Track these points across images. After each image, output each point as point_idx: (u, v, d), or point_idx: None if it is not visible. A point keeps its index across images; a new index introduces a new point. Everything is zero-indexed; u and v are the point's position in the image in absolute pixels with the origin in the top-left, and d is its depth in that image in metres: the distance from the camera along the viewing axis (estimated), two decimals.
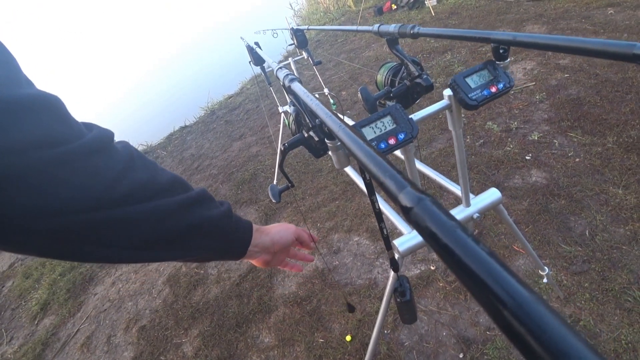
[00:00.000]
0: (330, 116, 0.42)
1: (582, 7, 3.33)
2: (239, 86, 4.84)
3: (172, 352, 1.74)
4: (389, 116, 0.59)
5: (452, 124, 0.68)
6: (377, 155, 0.28)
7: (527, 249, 1.03)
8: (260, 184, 2.55)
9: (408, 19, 4.47)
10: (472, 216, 0.80)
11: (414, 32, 0.74)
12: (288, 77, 0.65)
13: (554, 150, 1.90)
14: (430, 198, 0.20)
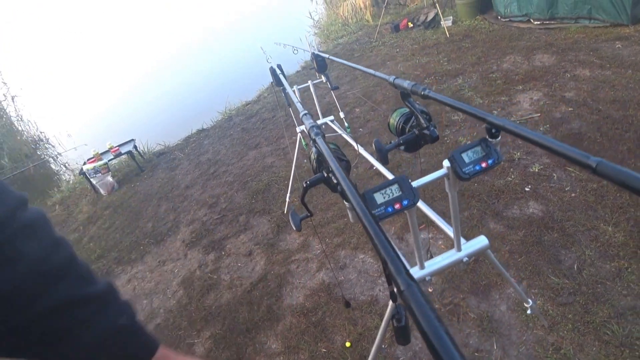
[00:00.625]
0: (346, 182, 0.55)
1: (591, 39, 3.42)
2: (257, 93, 5.01)
3: (184, 350, 1.88)
4: (396, 184, 0.72)
5: (448, 189, 0.81)
6: (382, 236, 0.41)
7: (512, 285, 1.16)
8: (274, 195, 2.69)
9: (423, 38, 4.59)
10: (462, 259, 0.93)
11: (424, 93, 0.87)
12: (314, 130, 0.79)
13: (552, 183, 2.02)
14: (416, 285, 0.33)
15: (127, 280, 2.59)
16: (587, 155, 0.50)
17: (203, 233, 2.63)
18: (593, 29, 3.54)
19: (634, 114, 2.32)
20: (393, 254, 0.37)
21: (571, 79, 2.89)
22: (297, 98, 2.01)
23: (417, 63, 3.96)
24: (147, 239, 2.88)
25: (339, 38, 5.95)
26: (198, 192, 3.18)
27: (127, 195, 3.67)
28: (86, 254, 3.02)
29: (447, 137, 2.64)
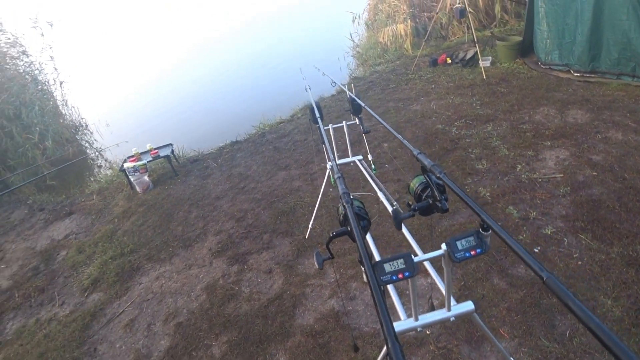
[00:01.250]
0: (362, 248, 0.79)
1: (631, 99, 3.51)
2: (291, 112, 5.32)
3: (202, 351, 2.16)
4: (402, 259, 0.97)
5: (444, 265, 1.04)
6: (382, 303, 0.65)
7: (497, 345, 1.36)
8: (298, 218, 2.96)
9: (460, 76, 4.79)
10: (449, 318, 1.15)
11: (440, 176, 1.09)
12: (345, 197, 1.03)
13: (561, 248, 2.17)
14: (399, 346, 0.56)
15: (156, 277, 2.91)
16: (542, 269, 0.72)
17: (229, 245, 2.93)
18: (635, 88, 3.64)
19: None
20: (387, 319, 0.61)
21: (602, 140, 3.01)
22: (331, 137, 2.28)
23: (450, 103, 4.16)
24: (176, 242, 3.21)
25: (377, 65, 6.21)
26: (227, 204, 3.49)
27: (160, 196, 4.04)
28: (120, 247, 3.38)
29: (468, 185, 2.83)
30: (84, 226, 4.08)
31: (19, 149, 6.78)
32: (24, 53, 8.55)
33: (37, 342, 2.69)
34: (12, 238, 4.41)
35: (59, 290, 3.21)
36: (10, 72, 8.15)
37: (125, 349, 2.40)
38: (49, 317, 2.91)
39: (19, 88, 7.66)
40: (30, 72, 8.48)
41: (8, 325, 3.00)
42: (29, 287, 3.34)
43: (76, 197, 4.91)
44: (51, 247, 3.91)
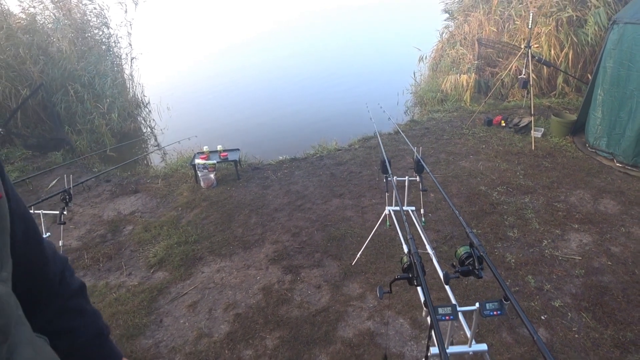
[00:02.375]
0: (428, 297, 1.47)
1: None
2: (349, 141, 6.03)
3: (258, 340, 2.85)
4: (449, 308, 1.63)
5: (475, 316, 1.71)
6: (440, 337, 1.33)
7: None
8: (347, 245, 3.64)
9: (510, 141, 5.39)
10: (469, 352, 1.80)
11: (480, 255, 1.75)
12: (415, 257, 1.72)
13: (564, 320, 2.77)
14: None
15: (217, 270, 3.64)
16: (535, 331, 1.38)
17: (284, 255, 3.65)
18: None
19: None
20: (441, 342, 1.29)
21: (624, 234, 3.56)
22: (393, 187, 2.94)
23: (496, 167, 4.78)
24: (236, 242, 3.95)
25: (434, 112, 6.86)
26: (284, 218, 4.23)
27: (222, 196, 4.82)
28: (184, 235, 4.13)
29: (497, 249, 3.46)
30: (150, 207, 4.90)
31: (87, 115, 7.77)
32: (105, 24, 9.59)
33: (108, 303, 3.38)
34: (80, 202, 5.26)
35: (125, 262, 3.94)
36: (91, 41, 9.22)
37: (188, 325, 3.07)
38: (118, 284, 3.63)
39: (96, 58, 8.68)
40: (108, 44, 9.54)
41: None
42: (97, 252, 4.08)
43: (141, 176, 5.77)
44: (118, 219, 4.72)
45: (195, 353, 2.79)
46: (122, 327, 3.08)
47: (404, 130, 6.18)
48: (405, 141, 5.76)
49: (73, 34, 8.48)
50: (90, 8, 9.31)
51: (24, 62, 7.27)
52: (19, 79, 7.23)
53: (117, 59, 9.52)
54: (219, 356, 2.75)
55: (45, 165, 6.28)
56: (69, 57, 7.84)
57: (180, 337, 2.96)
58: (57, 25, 8.11)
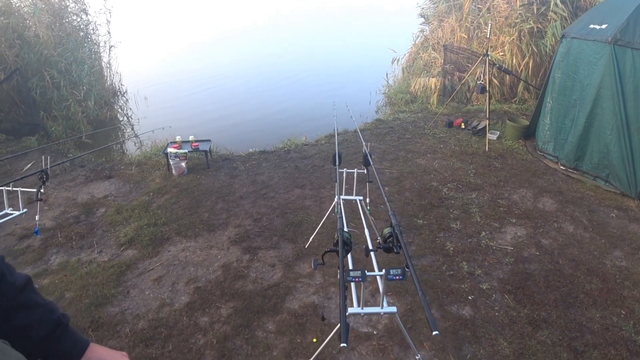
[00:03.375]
0: (341, 261, 1.82)
1: (596, 200, 4.38)
2: (316, 137, 6.37)
3: (214, 309, 3.16)
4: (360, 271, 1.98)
5: (381, 280, 2.06)
6: (344, 299, 1.67)
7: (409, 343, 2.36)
8: (303, 231, 3.97)
9: (467, 142, 5.82)
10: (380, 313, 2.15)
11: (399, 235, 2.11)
12: (340, 232, 2.06)
13: (488, 300, 3.16)
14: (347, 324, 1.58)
15: (182, 249, 3.93)
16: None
17: (244, 238, 3.96)
18: (604, 191, 4.62)
19: (579, 276, 3.36)
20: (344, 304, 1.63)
21: (555, 229, 4.00)
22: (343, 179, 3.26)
23: (450, 165, 5.19)
24: (201, 225, 4.25)
25: (401, 112, 7.27)
26: (248, 205, 4.54)
27: (192, 183, 5.10)
28: (154, 218, 4.41)
29: (439, 238, 3.85)
30: (123, 192, 5.14)
31: (63, 102, 7.91)
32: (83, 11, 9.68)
33: (79, 276, 3.66)
34: (54, 185, 5.47)
35: (97, 240, 4.21)
36: (69, 28, 9.31)
37: (152, 296, 3.39)
38: (89, 260, 3.90)
39: (73, 44, 8.80)
40: (86, 31, 9.64)
41: (52, 258, 4.00)
42: (71, 232, 4.34)
43: (115, 163, 6.00)
44: (91, 202, 4.96)
45: (157, 319, 3.10)
46: (91, 297, 3.36)
47: (370, 128, 6.57)
48: (368, 138, 6.15)
49: (50, 19, 8.57)
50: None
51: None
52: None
53: (95, 47, 9.62)
54: (178, 322, 3.06)
55: (20, 149, 6.42)
56: (45, 43, 7.96)
57: (144, 306, 3.25)
58: (35, 9, 8.20)
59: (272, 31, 18.41)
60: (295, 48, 15.01)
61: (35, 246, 4.17)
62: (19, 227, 4.51)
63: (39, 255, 4.02)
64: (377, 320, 2.96)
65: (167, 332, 3.00)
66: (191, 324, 3.04)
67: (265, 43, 15.49)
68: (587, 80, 4.55)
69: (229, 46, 15.47)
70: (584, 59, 4.59)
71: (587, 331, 2.89)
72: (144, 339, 2.93)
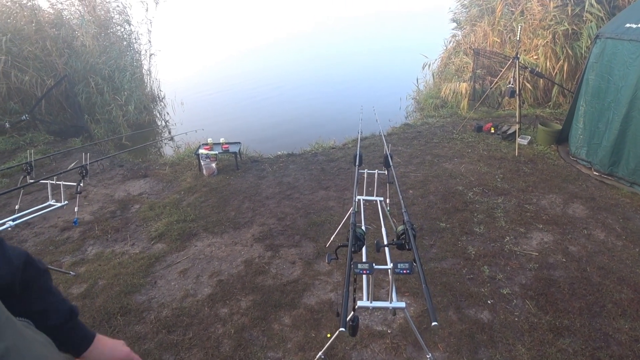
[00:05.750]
0: (349, 254, 1.89)
1: (631, 207, 4.17)
2: (344, 140, 6.46)
3: (234, 301, 3.28)
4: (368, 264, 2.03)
5: (390, 273, 2.10)
6: (347, 290, 1.74)
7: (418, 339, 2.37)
8: (324, 231, 4.04)
9: (496, 147, 5.71)
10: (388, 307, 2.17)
11: (414, 234, 2.15)
12: (352, 220, 2.13)
13: (508, 305, 3.09)
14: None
15: (208, 244, 4.10)
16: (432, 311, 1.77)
17: (268, 236, 4.08)
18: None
19: (607, 285, 3.21)
20: (347, 295, 1.70)
21: (585, 236, 3.85)
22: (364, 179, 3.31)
23: (478, 170, 5.11)
24: (228, 222, 4.41)
25: (430, 117, 7.23)
26: (273, 204, 4.67)
27: (221, 184, 5.30)
28: (184, 214, 4.63)
29: (461, 242, 3.81)
30: (156, 190, 5.42)
31: (106, 106, 8.43)
32: (127, 22, 10.30)
33: (112, 266, 3.91)
34: (94, 183, 5.83)
35: (130, 234, 4.46)
36: (113, 37, 9.93)
37: (178, 287, 3.56)
38: (122, 252, 4.15)
39: (117, 53, 9.37)
40: (129, 40, 10.25)
41: (89, 249, 4.27)
42: (107, 225, 4.63)
43: (151, 163, 6.32)
44: (127, 199, 5.25)
45: (180, 308, 3.26)
46: (122, 285, 3.58)
47: (397, 132, 6.57)
48: (395, 143, 6.16)
49: (96, 30, 9.19)
50: (114, 5, 10.06)
51: (50, 55, 7.97)
52: (45, 70, 7.92)
53: (136, 55, 10.21)
54: (199, 311, 3.21)
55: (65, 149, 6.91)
56: (91, 52, 8.53)
57: (169, 296, 3.43)
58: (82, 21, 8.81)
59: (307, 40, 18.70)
60: (327, 56, 15.17)
61: (74, 237, 4.47)
62: (62, 220, 4.85)
63: (78, 245, 4.30)
64: (392, 320, 2.98)
65: (188, 321, 3.15)
66: (212, 314, 3.18)
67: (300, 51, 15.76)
68: (623, 81, 4.38)
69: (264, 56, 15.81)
70: (619, 60, 4.43)
71: (614, 342, 2.78)
72: (167, 326, 3.10)
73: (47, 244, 4.39)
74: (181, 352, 2.88)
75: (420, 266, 1.87)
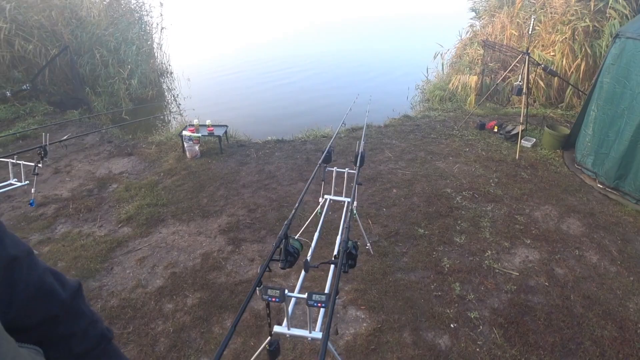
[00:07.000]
0: (259, 276, 1.58)
1: (633, 227, 3.70)
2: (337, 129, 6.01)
3: (180, 298, 3.03)
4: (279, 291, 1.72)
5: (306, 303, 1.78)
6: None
7: None
8: (294, 227, 3.59)
9: (496, 148, 5.22)
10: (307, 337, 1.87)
11: (354, 253, 1.82)
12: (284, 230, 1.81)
13: (472, 332, 2.71)
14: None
15: (172, 232, 3.86)
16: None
17: (233, 228, 3.81)
18: None
19: (590, 318, 2.79)
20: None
21: (576, 257, 3.41)
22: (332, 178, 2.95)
23: (471, 172, 4.67)
24: (198, 210, 4.16)
25: (433, 110, 6.73)
26: (248, 194, 4.38)
27: (202, 167, 5.03)
28: (156, 198, 4.39)
29: (436, 252, 3.44)
30: (137, 170, 5.20)
31: (109, 79, 8.23)
32: None
33: (74, 248, 3.71)
34: (80, 158, 5.65)
35: (101, 215, 4.26)
36: (122, 9, 9.65)
37: (132, 276, 3.33)
38: (89, 233, 3.95)
39: (125, 25, 9.11)
40: (139, 12, 9.95)
41: (59, 227, 4.09)
42: (81, 204, 4.43)
43: (139, 141, 6.10)
44: (107, 177, 5.05)
45: (128, 299, 3.08)
46: (79, 269, 3.42)
47: (395, 124, 6.12)
48: (390, 135, 5.74)
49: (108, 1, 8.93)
50: None
51: (55, 24, 7.76)
52: (50, 40, 7.72)
53: (147, 27, 9.91)
54: (145, 304, 3.02)
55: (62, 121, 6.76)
56: (98, 23, 8.29)
57: (121, 285, 3.25)
58: None
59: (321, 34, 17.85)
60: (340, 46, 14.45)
61: (48, 214, 4.31)
62: (41, 194, 4.70)
63: (49, 223, 4.14)
64: (340, 337, 2.69)
65: (132, 314, 2.96)
66: (156, 309, 2.97)
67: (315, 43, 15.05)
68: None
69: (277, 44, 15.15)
70: (638, 63, 3.88)
71: None
72: (110, 317, 2.92)
73: (21, 220, 4.24)
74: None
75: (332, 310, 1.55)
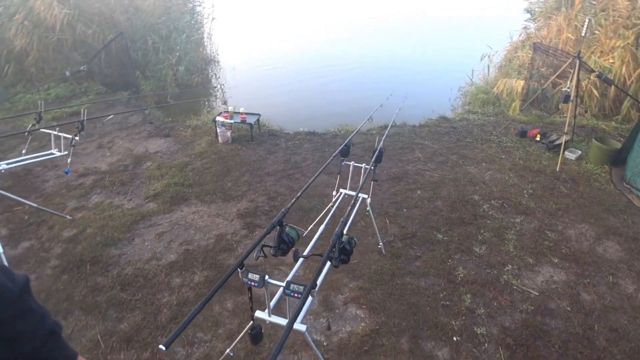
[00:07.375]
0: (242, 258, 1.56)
1: None
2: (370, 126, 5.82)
3: (189, 274, 3.11)
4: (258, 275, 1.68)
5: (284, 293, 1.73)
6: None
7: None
8: (309, 218, 3.63)
9: (536, 157, 4.85)
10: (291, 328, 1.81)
11: (348, 249, 1.77)
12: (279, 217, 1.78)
13: (476, 349, 2.49)
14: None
15: (193, 211, 3.96)
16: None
17: (251, 214, 3.84)
18: None
19: (614, 354, 2.49)
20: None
21: (608, 284, 3.06)
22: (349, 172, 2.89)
23: (504, 180, 4.38)
24: (220, 193, 4.23)
25: (472, 113, 6.40)
26: (271, 182, 4.40)
27: (231, 153, 5.12)
28: (184, 178, 4.53)
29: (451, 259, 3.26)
30: (171, 150, 5.39)
31: (158, 64, 8.60)
32: None
33: (104, 217, 3.93)
34: (123, 136, 5.95)
35: (132, 190, 4.46)
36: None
37: (149, 248, 3.47)
38: (118, 204, 4.16)
39: (177, 15, 9.46)
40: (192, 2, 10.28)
41: (93, 197, 4.33)
42: (116, 178, 4.68)
43: (177, 123, 6.32)
44: (143, 155, 5.28)
45: (141, 269, 3.23)
46: (104, 236, 3.64)
47: (429, 125, 5.89)
48: (423, 136, 5.54)
49: None
50: None
51: (114, 12, 8.23)
52: (108, 26, 8.23)
53: (198, 17, 10.23)
54: (156, 276, 3.15)
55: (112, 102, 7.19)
56: (152, 11, 8.69)
57: (138, 255, 3.41)
58: None
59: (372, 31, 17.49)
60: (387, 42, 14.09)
61: (86, 185, 4.58)
62: (83, 166, 5.01)
63: (85, 192, 4.41)
64: (334, 332, 2.63)
65: (143, 283, 3.10)
66: (164, 282, 3.09)
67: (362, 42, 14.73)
68: None
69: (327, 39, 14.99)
70: None
71: None
72: (123, 283, 3.09)
73: (62, 187, 4.55)
74: (124, 310, 2.86)
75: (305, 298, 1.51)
